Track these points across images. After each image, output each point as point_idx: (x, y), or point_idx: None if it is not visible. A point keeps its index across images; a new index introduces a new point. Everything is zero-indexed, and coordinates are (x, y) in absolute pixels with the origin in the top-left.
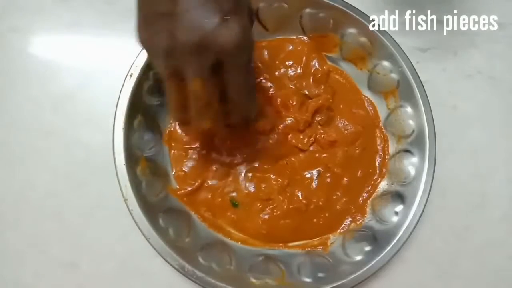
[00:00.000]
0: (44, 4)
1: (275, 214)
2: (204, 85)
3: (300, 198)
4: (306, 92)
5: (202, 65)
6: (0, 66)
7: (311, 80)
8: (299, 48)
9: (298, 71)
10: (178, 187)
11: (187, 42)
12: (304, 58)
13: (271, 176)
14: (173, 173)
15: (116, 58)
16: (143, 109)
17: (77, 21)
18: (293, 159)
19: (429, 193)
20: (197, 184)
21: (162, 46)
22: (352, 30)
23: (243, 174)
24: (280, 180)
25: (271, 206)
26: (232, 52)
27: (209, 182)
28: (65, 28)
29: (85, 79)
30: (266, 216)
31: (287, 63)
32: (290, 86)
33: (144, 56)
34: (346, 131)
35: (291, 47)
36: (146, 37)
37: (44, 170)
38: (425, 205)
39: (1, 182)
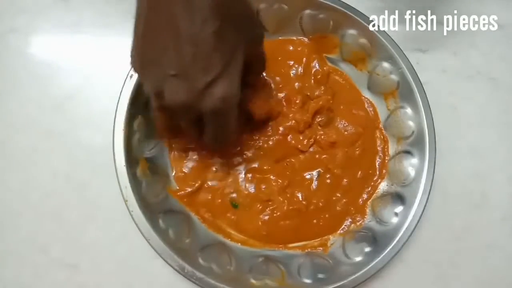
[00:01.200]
0: (45, 4)
1: (275, 215)
2: (188, 126)
3: (300, 199)
4: (308, 94)
5: (185, 117)
6: (0, 66)
7: (311, 81)
8: (299, 49)
9: (299, 72)
10: (178, 188)
11: (172, 102)
12: (304, 59)
13: (271, 177)
14: (173, 174)
15: (116, 59)
16: (143, 110)
17: (78, 22)
18: (293, 160)
19: (429, 194)
20: (197, 185)
21: (152, 89)
22: (352, 31)
23: (243, 175)
24: (280, 181)
25: (271, 207)
26: (211, 115)
27: (209, 183)
28: (66, 28)
29: (85, 79)
30: (266, 217)
31: (288, 62)
32: (295, 84)
33: None
34: (346, 132)
35: (291, 48)
36: (139, 72)
37: (44, 170)
38: (425, 206)
39: (1, 183)
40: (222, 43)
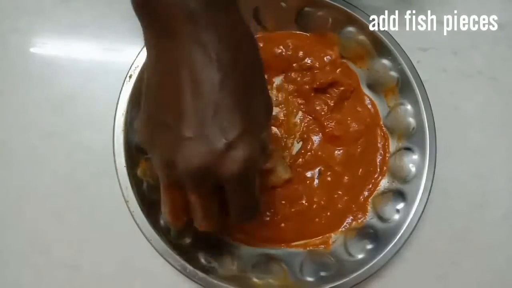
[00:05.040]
0: (45, 5)
1: (276, 218)
2: (205, 199)
3: (302, 200)
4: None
5: (202, 185)
6: (1, 67)
7: (321, 68)
8: (299, 43)
9: (307, 62)
10: None
11: (186, 167)
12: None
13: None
14: None
15: (116, 59)
16: None
17: (77, 23)
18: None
19: (430, 190)
20: None
21: (163, 158)
22: (351, 29)
23: None
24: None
25: (272, 210)
26: (232, 181)
27: None
28: (66, 29)
29: (85, 80)
30: (267, 219)
31: (292, 53)
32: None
33: (143, 58)
34: (350, 129)
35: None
36: (147, 140)
37: (45, 171)
38: (426, 203)
39: (2, 183)
40: (242, 101)
